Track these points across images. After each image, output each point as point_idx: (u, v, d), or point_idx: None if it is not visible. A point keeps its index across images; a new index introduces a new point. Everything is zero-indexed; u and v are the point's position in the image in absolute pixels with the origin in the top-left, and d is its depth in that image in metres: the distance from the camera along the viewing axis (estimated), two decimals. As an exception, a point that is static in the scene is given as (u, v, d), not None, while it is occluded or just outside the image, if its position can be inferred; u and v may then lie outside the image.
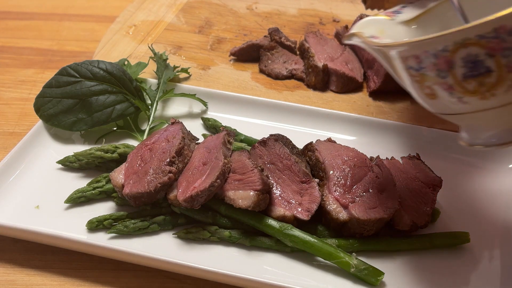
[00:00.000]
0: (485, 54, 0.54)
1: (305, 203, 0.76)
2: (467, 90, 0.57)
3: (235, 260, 0.74)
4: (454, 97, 0.58)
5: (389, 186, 0.78)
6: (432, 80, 0.59)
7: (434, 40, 0.56)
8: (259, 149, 0.83)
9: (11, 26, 1.32)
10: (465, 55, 0.55)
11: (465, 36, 0.54)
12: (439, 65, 0.57)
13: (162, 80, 1.02)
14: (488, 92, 0.56)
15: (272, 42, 1.20)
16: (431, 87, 0.60)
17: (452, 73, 0.57)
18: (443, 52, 0.56)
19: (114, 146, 0.87)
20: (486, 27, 0.53)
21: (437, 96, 0.60)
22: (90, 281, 0.73)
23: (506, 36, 0.53)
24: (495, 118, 0.58)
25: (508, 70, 0.54)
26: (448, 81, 0.58)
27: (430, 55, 0.57)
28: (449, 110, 0.60)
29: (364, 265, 0.71)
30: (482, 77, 0.55)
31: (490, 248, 0.76)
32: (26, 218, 0.78)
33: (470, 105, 0.58)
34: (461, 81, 0.56)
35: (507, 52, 0.53)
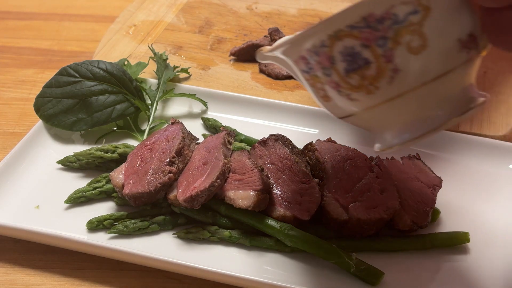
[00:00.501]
0: (361, 45, 0.52)
1: (305, 203, 0.76)
2: (352, 85, 0.55)
3: (235, 260, 0.74)
4: (343, 95, 0.57)
5: (389, 186, 0.78)
6: (321, 80, 0.58)
7: (307, 35, 0.55)
8: (259, 149, 0.83)
9: (11, 26, 1.32)
10: (342, 48, 0.53)
11: (336, 27, 0.53)
12: (322, 63, 0.56)
13: (162, 80, 1.02)
14: (371, 86, 0.54)
15: (272, 42, 1.20)
16: (323, 88, 0.59)
17: (335, 69, 0.55)
18: (322, 48, 0.55)
19: (114, 146, 0.87)
20: (354, 16, 0.51)
21: (330, 98, 0.59)
22: (90, 281, 0.73)
23: (377, 25, 0.51)
24: (392, 113, 0.56)
25: (386, 60, 0.52)
26: (333, 78, 0.56)
27: (313, 53, 0.56)
28: (344, 112, 0.59)
29: (364, 265, 0.71)
30: (362, 70, 0.54)
31: (490, 248, 0.76)
32: (26, 218, 0.78)
33: (361, 102, 0.56)
34: (344, 76, 0.55)
35: (381, 41, 0.52)
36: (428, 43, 0.52)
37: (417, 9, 0.51)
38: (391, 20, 0.51)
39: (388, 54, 0.52)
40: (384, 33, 0.51)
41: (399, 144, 0.57)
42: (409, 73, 0.53)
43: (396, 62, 0.52)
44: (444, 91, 0.55)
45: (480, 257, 0.75)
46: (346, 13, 0.52)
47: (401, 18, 0.51)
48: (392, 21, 0.51)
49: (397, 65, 0.52)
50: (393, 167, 0.82)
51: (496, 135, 0.95)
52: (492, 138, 0.92)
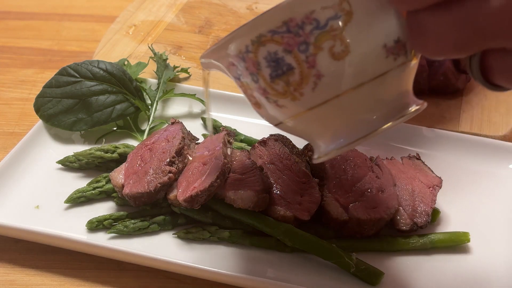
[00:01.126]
0: (283, 51, 0.51)
1: (305, 203, 0.76)
2: (278, 92, 0.54)
3: (235, 260, 0.74)
4: (271, 102, 0.56)
5: (389, 186, 0.78)
6: (250, 86, 0.57)
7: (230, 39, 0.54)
8: (259, 149, 0.83)
9: (11, 26, 1.32)
10: (266, 54, 0.52)
11: (257, 32, 0.52)
12: (249, 68, 0.55)
13: (162, 80, 1.02)
14: (296, 92, 0.53)
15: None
16: (253, 95, 0.58)
17: (261, 75, 0.54)
18: (247, 54, 0.54)
19: (114, 146, 0.87)
20: (275, 20, 0.50)
21: (260, 105, 0.58)
22: (90, 281, 0.73)
23: (298, 30, 0.50)
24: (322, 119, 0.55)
25: (309, 65, 0.51)
26: (261, 85, 0.55)
27: (240, 59, 0.55)
28: (275, 119, 0.58)
29: (364, 265, 0.71)
30: (286, 75, 0.52)
31: (491, 248, 0.76)
32: (26, 218, 0.78)
33: (288, 108, 0.55)
34: (270, 82, 0.54)
35: (303, 46, 0.51)
36: (350, 48, 0.50)
37: (338, 14, 0.50)
38: (312, 25, 0.50)
39: (310, 60, 0.51)
40: (306, 38, 0.50)
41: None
42: (333, 79, 0.52)
43: (318, 67, 0.51)
44: (374, 96, 0.53)
45: (480, 257, 0.75)
46: (266, 16, 0.51)
47: (322, 23, 0.50)
48: (313, 26, 0.50)
49: (320, 71, 0.51)
50: (393, 167, 0.82)
51: (496, 135, 0.95)
52: (492, 138, 0.92)
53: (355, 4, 0.50)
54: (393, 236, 0.76)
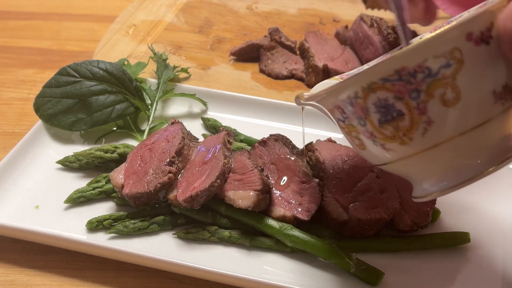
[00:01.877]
0: (394, 98, 0.53)
1: (305, 203, 0.76)
2: (386, 136, 0.56)
3: (235, 260, 0.74)
4: (377, 144, 0.57)
5: (389, 186, 0.78)
6: (356, 129, 0.58)
7: (341, 87, 0.56)
8: (259, 149, 0.83)
9: (10, 26, 1.32)
10: (376, 100, 0.54)
11: (369, 80, 0.53)
12: (357, 113, 0.56)
13: (162, 80, 1.02)
14: (405, 137, 0.54)
15: (272, 42, 1.20)
16: (358, 137, 0.59)
17: (369, 119, 0.56)
18: (356, 99, 0.55)
19: (114, 146, 0.87)
20: (388, 69, 0.52)
21: (365, 146, 0.59)
22: (90, 281, 0.73)
23: (410, 78, 0.51)
24: (428, 162, 0.57)
25: (419, 112, 0.53)
26: (368, 128, 0.57)
27: (347, 103, 0.57)
28: (381, 160, 0.59)
29: (364, 265, 0.71)
30: (396, 121, 0.54)
31: (491, 248, 0.76)
32: (25, 218, 0.78)
33: (395, 152, 0.56)
34: (379, 127, 0.55)
35: (414, 94, 0.52)
36: (461, 95, 0.52)
37: (450, 62, 0.51)
38: (424, 73, 0.51)
39: (421, 107, 0.52)
40: (417, 86, 0.52)
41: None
42: (443, 125, 0.53)
43: (429, 114, 0.53)
44: (480, 141, 0.55)
45: (480, 257, 0.75)
46: (379, 66, 0.52)
47: (434, 71, 0.51)
48: (425, 74, 0.51)
49: (431, 117, 0.53)
50: (393, 167, 0.82)
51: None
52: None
53: (466, 53, 0.51)
54: (393, 236, 0.76)
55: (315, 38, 1.20)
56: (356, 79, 0.54)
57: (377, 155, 0.59)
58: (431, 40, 0.50)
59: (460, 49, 0.51)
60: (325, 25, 1.36)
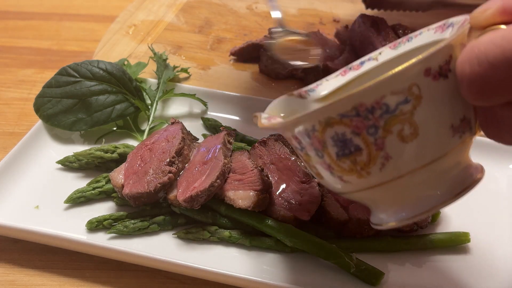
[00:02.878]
0: (351, 133, 0.52)
1: (305, 203, 0.76)
2: (344, 169, 0.55)
3: (235, 260, 0.74)
4: (335, 176, 0.57)
5: (389, 186, 0.78)
6: (313, 160, 0.58)
7: (298, 120, 0.55)
8: (259, 149, 0.83)
9: (10, 26, 1.32)
10: (333, 134, 0.53)
11: (327, 115, 0.53)
12: (314, 145, 0.56)
13: (162, 80, 1.02)
14: (363, 171, 0.54)
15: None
16: (315, 167, 0.59)
17: (326, 152, 0.55)
18: (313, 132, 0.55)
19: (114, 146, 0.87)
20: (346, 105, 0.51)
21: (323, 176, 0.59)
22: (90, 281, 0.73)
23: (368, 114, 0.51)
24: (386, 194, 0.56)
25: (377, 147, 0.52)
26: (325, 160, 0.56)
27: (304, 135, 0.56)
28: (339, 189, 0.59)
29: (364, 265, 0.71)
30: (353, 155, 0.54)
31: (491, 249, 0.76)
32: (25, 218, 0.78)
33: (353, 184, 0.56)
34: (336, 160, 0.55)
35: (372, 129, 0.52)
36: (419, 131, 0.51)
37: (408, 98, 0.51)
38: (382, 109, 0.51)
39: (379, 142, 0.52)
40: (375, 122, 0.51)
41: (396, 222, 0.57)
42: (401, 160, 0.53)
43: (387, 150, 0.52)
44: (439, 173, 0.54)
45: (480, 257, 0.75)
46: (337, 103, 0.51)
47: (392, 108, 0.51)
48: (382, 111, 0.51)
49: (389, 153, 0.52)
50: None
51: (496, 135, 0.94)
52: (492, 138, 0.92)
53: (424, 88, 0.51)
54: (393, 236, 0.76)
55: (315, 38, 1.20)
56: (313, 114, 0.54)
57: (335, 185, 0.59)
58: (390, 78, 0.50)
59: (418, 85, 0.50)
60: (325, 25, 1.36)
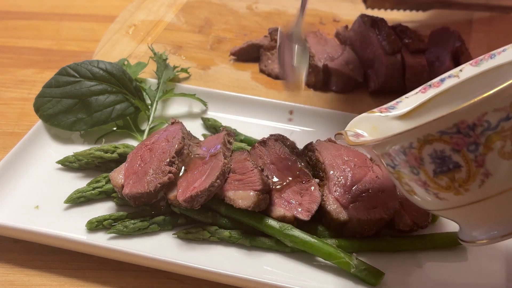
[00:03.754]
0: (451, 150, 0.53)
1: (305, 203, 0.76)
2: (441, 186, 0.56)
3: (235, 260, 0.74)
4: (430, 193, 0.58)
5: (389, 186, 0.78)
6: (407, 176, 0.59)
7: (396, 139, 0.56)
8: (259, 149, 0.83)
9: (10, 26, 1.32)
10: (432, 151, 0.54)
11: (426, 132, 0.53)
12: (410, 162, 0.57)
13: (162, 80, 1.02)
14: (461, 188, 0.55)
15: (272, 42, 1.20)
16: (409, 184, 0.59)
17: (423, 169, 0.56)
18: (410, 149, 0.55)
19: (114, 146, 0.87)
20: (446, 122, 0.52)
21: (416, 193, 0.60)
22: (90, 281, 0.73)
23: (469, 131, 0.52)
24: (481, 212, 0.57)
25: (477, 164, 0.53)
26: (421, 177, 0.57)
27: (400, 152, 0.57)
28: (431, 206, 0.60)
29: (364, 265, 0.71)
30: (452, 172, 0.54)
31: (491, 248, 0.76)
32: (25, 218, 0.77)
33: (449, 201, 0.57)
34: (433, 177, 0.56)
35: (472, 146, 0.52)
36: None
37: (510, 115, 0.51)
38: (483, 126, 0.52)
39: (479, 159, 0.53)
40: (476, 139, 0.52)
41: (487, 240, 0.58)
42: (501, 177, 0.53)
43: (487, 167, 0.53)
44: None
45: (480, 257, 0.75)
46: (438, 121, 0.52)
47: (494, 125, 0.51)
48: (484, 128, 0.52)
49: (489, 170, 0.53)
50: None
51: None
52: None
53: None
54: (393, 236, 0.76)
55: (315, 38, 1.20)
56: (412, 132, 0.54)
57: (428, 202, 0.59)
58: (493, 95, 0.50)
59: None
60: (325, 25, 1.36)
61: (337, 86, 1.11)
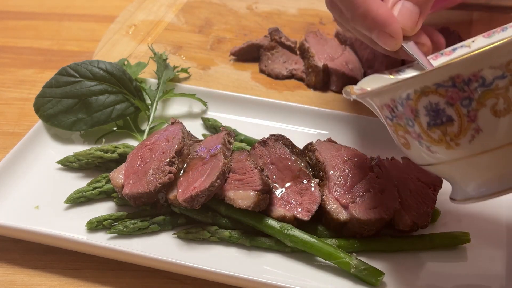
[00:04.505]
0: (445, 103, 0.54)
1: (305, 203, 0.76)
2: (433, 139, 0.57)
3: (235, 260, 0.74)
4: (423, 146, 0.58)
5: (389, 186, 0.78)
6: (403, 129, 0.60)
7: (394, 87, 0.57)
8: (259, 149, 0.83)
9: (10, 26, 1.32)
10: (427, 104, 0.55)
11: (423, 84, 0.54)
12: (406, 114, 0.58)
13: (162, 80, 1.02)
14: (452, 142, 0.56)
15: (272, 42, 1.20)
16: (404, 137, 0.60)
17: (418, 121, 0.57)
18: (407, 100, 0.56)
19: (114, 146, 0.87)
20: (442, 75, 0.53)
21: (410, 146, 0.61)
22: (90, 281, 0.73)
23: (464, 85, 0.53)
24: (471, 168, 0.58)
25: (469, 119, 0.54)
26: (415, 129, 0.58)
27: (398, 103, 0.58)
28: (424, 160, 0.60)
29: (364, 265, 0.71)
30: (444, 126, 0.55)
31: (491, 248, 0.76)
32: (25, 218, 0.78)
33: (440, 154, 0.58)
34: (427, 129, 0.57)
35: (466, 101, 0.53)
36: None
37: (505, 74, 0.52)
38: (478, 82, 0.52)
39: (471, 114, 0.53)
40: (470, 94, 0.53)
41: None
42: (491, 134, 0.54)
43: (478, 122, 0.54)
44: None
45: (480, 257, 0.75)
46: (435, 72, 0.53)
47: (488, 82, 0.52)
48: (478, 84, 0.52)
49: (480, 126, 0.54)
50: (393, 167, 0.82)
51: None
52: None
53: None
54: (393, 236, 0.76)
55: (315, 38, 1.20)
56: (410, 82, 0.55)
57: (421, 156, 0.60)
58: (489, 51, 0.51)
59: None
60: (325, 25, 1.36)
61: (337, 86, 1.11)
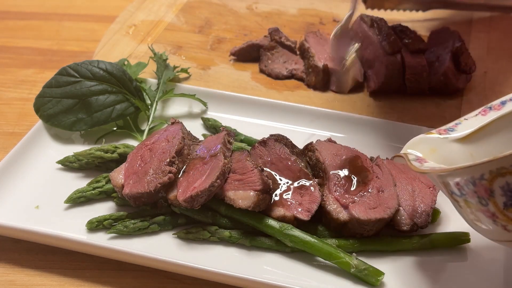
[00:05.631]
0: None
1: (305, 203, 0.76)
2: (510, 218, 0.55)
3: (235, 260, 0.74)
4: (498, 225, 0.57)
5: (389, 186, 0.78)
6: (474, 206, 0.58)
7: (468, 170, 0.55)
8: (259, 149, 0.83)
9: (10, 26, 1.32)
10: (504, 184, 0.54)
11: (500, 165, 0.53)
12: (479, 193, 0.56)
13: (162, 80, 1.02)
14: None
15: (272, 42, 1.20)
16: (475, 214, 0.59)
17: (492, 201, 0.56)
18: (481, 180, 0.55)
19: (114, 146, 0.87)
20: None
21: (482, 223, 0.59)
22: (90, 281, 0.73)
23: None
24: None
25: None
26: (489, 209, 0.57)
27: (469, 182, 0.56)
28: (497, 237, 0.59)
29: (364, 265, 0.71)
30: None
31: (491, 248, 0.76)
32: (26, 218, 0.78)
33: None
34: (503, 209, 0.55)
35: None
36: None
37: None
38: None
39: None
40: None
41: None
42: None
43: None
44: None
45: (480, 257, 0.75)
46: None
47: None
48: None
49: None
50: (393, 167, 0.82)
51: (496, 135, 0.94)
52: (492, 138, 0.92)
53: None
54: (393, 236, 0.76)
55: (315, 38, 1.20)
56: (485, 165, 0.54)
57: (494, 232, 0.59)
58: None
59: None
60: (325, 25, 1.36)
61: (337, 86, 1.11)
